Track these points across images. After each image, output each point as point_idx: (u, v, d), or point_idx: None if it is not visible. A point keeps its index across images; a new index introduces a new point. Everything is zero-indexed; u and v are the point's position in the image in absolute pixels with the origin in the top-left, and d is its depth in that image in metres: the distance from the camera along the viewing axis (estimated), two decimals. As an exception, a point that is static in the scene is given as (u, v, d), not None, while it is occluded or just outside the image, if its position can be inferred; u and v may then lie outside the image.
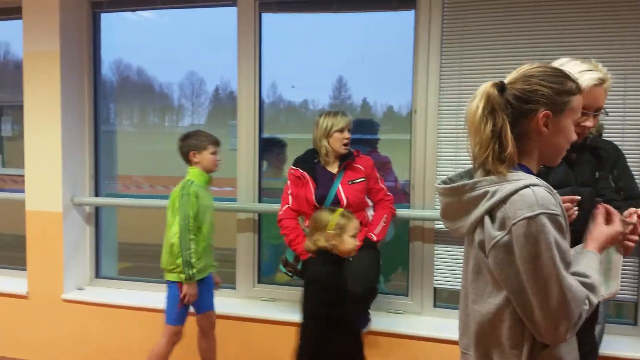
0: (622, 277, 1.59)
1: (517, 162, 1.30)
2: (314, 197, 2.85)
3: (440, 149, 3.10)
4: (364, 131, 3.51)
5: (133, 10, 3.76)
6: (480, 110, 1.28)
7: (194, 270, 2.77)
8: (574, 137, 1.35)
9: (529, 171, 1.32)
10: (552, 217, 1.20)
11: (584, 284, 1.24)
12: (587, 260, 1.33)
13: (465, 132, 1.34)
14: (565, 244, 1.22)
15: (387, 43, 3.38)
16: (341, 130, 2.85)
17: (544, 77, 1.30)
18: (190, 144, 2.91)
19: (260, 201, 3.46)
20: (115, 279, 3.83)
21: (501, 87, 1.30)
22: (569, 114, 1.31)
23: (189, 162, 2.93)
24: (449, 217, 1.38)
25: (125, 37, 3.91)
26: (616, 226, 1.38)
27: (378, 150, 3.50)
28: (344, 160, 2.88)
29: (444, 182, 1.38)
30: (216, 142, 2.93)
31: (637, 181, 2.51)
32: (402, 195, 3.35)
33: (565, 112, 1.30)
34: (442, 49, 3.04)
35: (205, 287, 2.93)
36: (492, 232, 1.25)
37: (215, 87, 4.21)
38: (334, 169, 2.90)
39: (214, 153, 2.91)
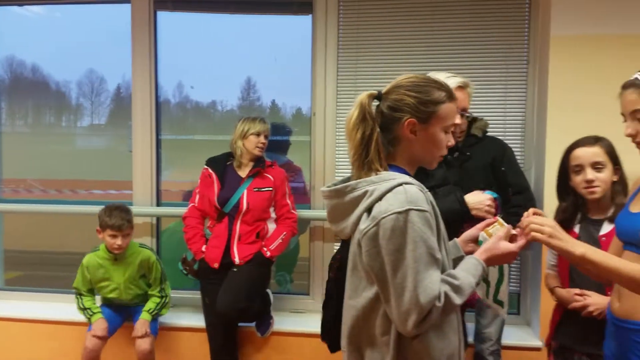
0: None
1: (393, 164, 1.40)
2: (216, 198, 2.85)
3: (338, 151, 3.17)
4: (278, 134, 3.51)
5: (20, 5, 3.53)
6: (353, 119, 1.37)
7: (93, 311, 2.90)
8: (449, 142, 1.42)
9: (405, 172, 1.40)
10: (421, 214, 1.27)
11: (448, 284, 1.30)
12: (466, 265, 1.39)
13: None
14: (432, 240, 1.28)
15: (293, 45, 3.40)
16: (257, 134, 2.87)
17: (411, 87, 1.38)
18: (99, 218, 2.87)
19: (159, 204, 3.37)
20: (2, 290, 3.58)
21: (378, 97, 1.40)
22: (436, 122, 1.38)
23: None
24: (334, 219, 1.43)
25: (17, 33, 3.67)
26: (512, 247, 1.43)
27: (288, 153, 3.51)
28: (256, 167, 2.88)
29: (329, 186, 1.43)
30: (116, 227, 2.81)
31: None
32: (304, 195, 3.39)
33: (432, 120, 1.38)
34: (338, 54, 3.12)
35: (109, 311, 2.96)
36: (362, 225, 1.32)
37: (116, 85, 4.07)
38: (244, 173, 2.90)
39: (113, 236, 2.82)
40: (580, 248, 1.39)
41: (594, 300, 1.90)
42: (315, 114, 3.18)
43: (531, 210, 1.48)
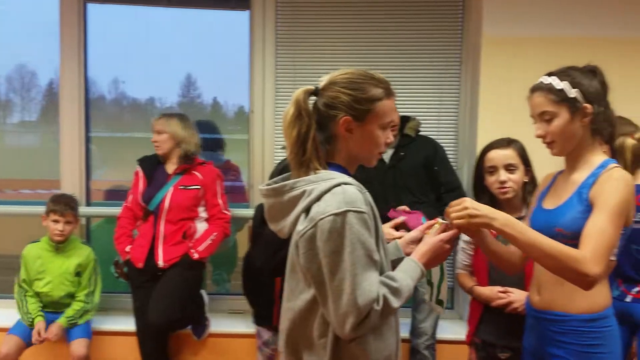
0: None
1: (332, 162, 1.36)
2: (140, 196, 2.80)
3: (277, 149, 3.14)
4: (208, 131, 3.44)
5: None
6: (289, 116, 1.32)
7: (33, 315, 2.79)
8: (387, 140, 1.39)
9: (344, 170, 1.36)
10: (358, 215, 1.24)
11: (387, 286, 1.27)
12: (404, 266, 1.37)
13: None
14: (370, 241, 1.25)
15: (234, 41, 3.35)
16: (153, 132, 2.83)
17: (346, 84, 1.34)
18: (46, 206, 2.83)
19: (88, 204, 3.26)
20: None
21: (315, 93, 1.35)
22: (372, 120, 1.34)
23: None
24: (273, 218, 1.39)
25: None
26: (442, 236, 1.42)
27: (220, 150, 3.45)
28: (183, 164, 2.81)
29: (268, 184, 1.39)
30: (59, 212, 2.78)
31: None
32: (242, 194, 3.35)
33: (368, 118, 1.34)
34: (276, 50, 3.10)
35: None
36: (300, 226, 1.28)
37: (49, 80, 3.92)
38: (171, 170, 2.83)
39: (55, 221, 2.79)
40: (499, 220, 1.40)
41: (517, 297, 1.96)
42: (254, 112, 3.15)
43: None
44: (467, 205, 1.42)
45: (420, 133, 2.78)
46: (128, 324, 2.97)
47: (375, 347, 1.32)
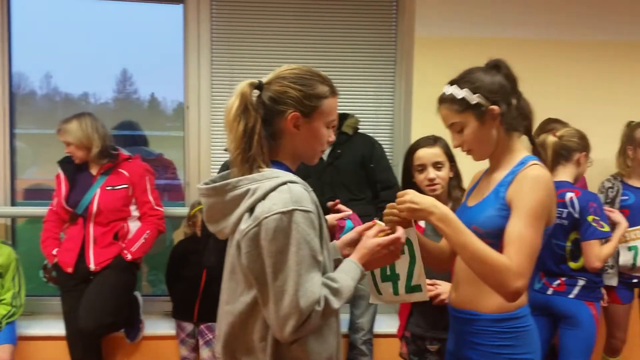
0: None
1: (275, 160, 1.33)
2: (64, 200, 2.67)
3: (214, 146, 3.10)
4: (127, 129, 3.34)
5: None
6: (234, 109, 1.28)
7: None
8: (330, 138, 1.38)
9: (287, 168, 1.34)
10: (305, 214, 1.22)
11: (328, 287, 1.26)
12: (344, 267, 1.35)
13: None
14: (315, 241, 1.24)
15: (170, 36, 3.27)
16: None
17: (295, 79, 1.32)
18: None
19: (13, 204, 3.12)
20: None
21: (258, 87, 1.32)
22: (318, 117, 1.34)
23: None
24: (213, 219, 1.34)
25: None
26: (377, 240, 1.39)
27: (147, 147, 3.36)
28: (105, 162, 2.70)
29: (207, 183, 1.34)
30: None
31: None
32: (178, 192, 3.28)
33: (315, 115, 1.33)
34: (212, 45, 3.05)
35: None
36: (243, 225, 1.25)
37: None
38: (95, 171, 2.72)
39: None
40: (436, 215, 1.40)
41: (445, 289, 1.99)
42: (189, 108, 3.08)
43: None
44: (406, 200, 1.42)
45: (359, 131, 2.81)
46: (57, 328, 2.87)
47: (315, 348, 1.31)
